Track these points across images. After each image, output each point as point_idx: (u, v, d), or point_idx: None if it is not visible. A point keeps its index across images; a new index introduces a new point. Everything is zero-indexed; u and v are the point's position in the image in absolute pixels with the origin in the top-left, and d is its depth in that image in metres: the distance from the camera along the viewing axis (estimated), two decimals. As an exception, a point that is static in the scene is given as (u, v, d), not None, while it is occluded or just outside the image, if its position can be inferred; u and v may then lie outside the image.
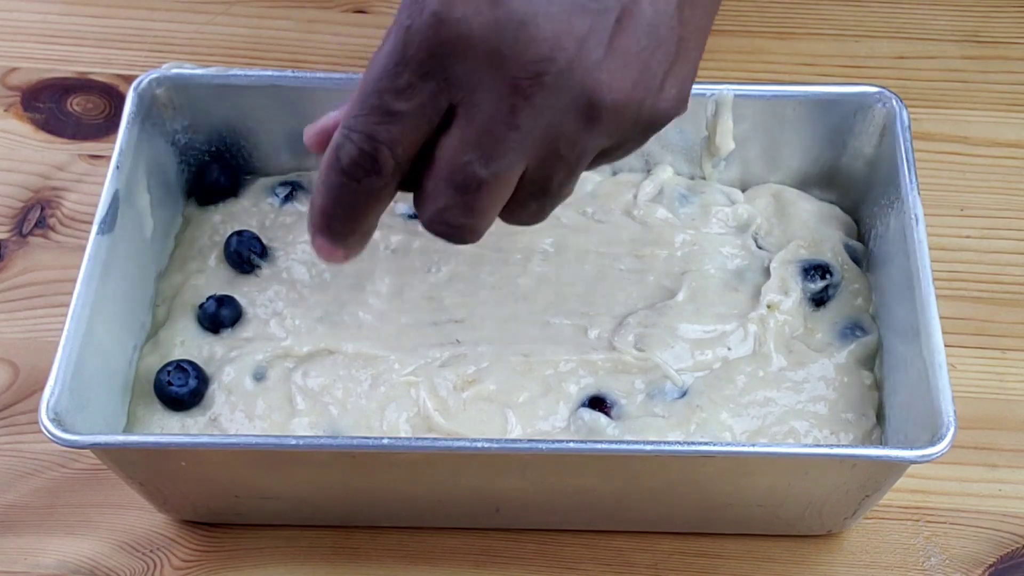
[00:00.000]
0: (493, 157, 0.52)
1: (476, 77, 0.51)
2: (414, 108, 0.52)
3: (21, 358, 0.69)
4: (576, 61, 0.51)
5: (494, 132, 0.52)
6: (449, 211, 0.54)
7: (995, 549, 0.64)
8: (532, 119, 0.52)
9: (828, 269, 0.67)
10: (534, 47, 0.51)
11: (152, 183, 0.66)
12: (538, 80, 0.51)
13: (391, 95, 0.52)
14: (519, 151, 0.53)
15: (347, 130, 0.54)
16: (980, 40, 0.82)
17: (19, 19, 0.83)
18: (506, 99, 0.51)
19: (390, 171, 0.54)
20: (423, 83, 0.52)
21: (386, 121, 0.53)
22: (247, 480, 0.61)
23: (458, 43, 0.51)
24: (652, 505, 0.63)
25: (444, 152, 0.53)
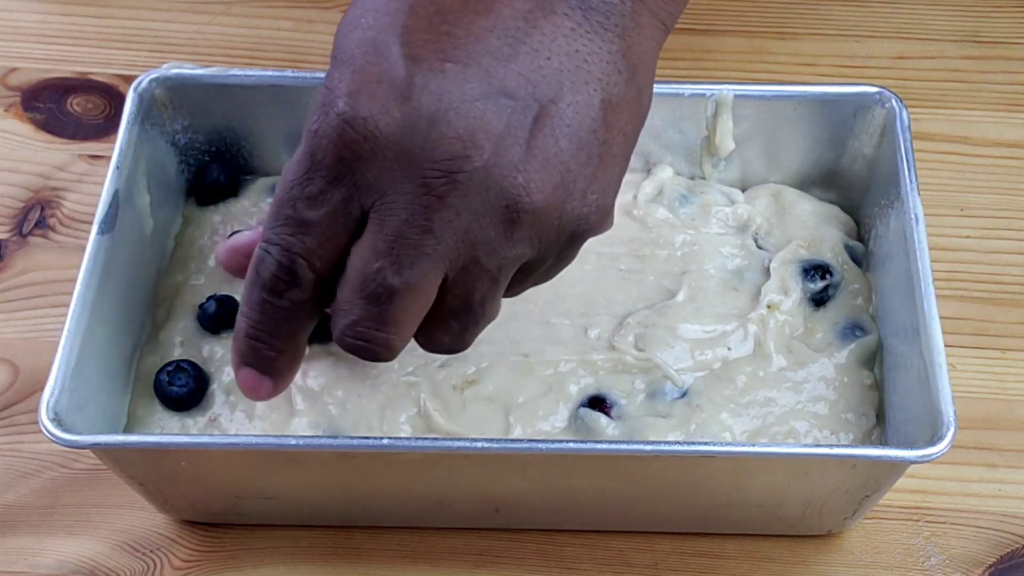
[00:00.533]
0: (406, 264, 0.50)
1: (386, 179, 0.50)
2: (326, 216, 0.50)
3: (21, 358, 0.69)
4: (492, 159, 0.49)
5: (406, 236, 0.50)
6: (360, 323, 0.51)
7: (995, 549, 0.64)
8: (447, 222, 0.50)
9: (828, 269, 0.67)
10: (446, 144, 0.49)
11: (152, 183, 0.66)
12: (451, 179, 0.49)
13: (303, 203, 0.51)
14: (434, 257, 0.50)
15: (265, 243, 0.52)
16: (980, 40, 0.82)
17: (19, 19, 0.83)
18: (418, 200, 0.49)
19: (310, 284, 0.52)
20: (333, 189, 0.50)
21: (300, 232, 0.51)
22: (247, 480, 0.61)
23: (365, 145, 0.49)
24: (652, 505, 0.63)
25: (355, 260, 0.51)
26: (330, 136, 0.50)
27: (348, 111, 0.49)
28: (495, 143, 0.49)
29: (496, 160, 0.49)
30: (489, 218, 0.50)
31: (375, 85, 0.49)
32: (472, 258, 0.51)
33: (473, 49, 0.50)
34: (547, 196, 0.50)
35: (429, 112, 0.49)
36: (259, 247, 0.52)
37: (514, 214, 0.50)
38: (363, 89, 0.49)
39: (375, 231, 0.50)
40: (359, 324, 0.52)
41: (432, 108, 0.49)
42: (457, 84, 0.49)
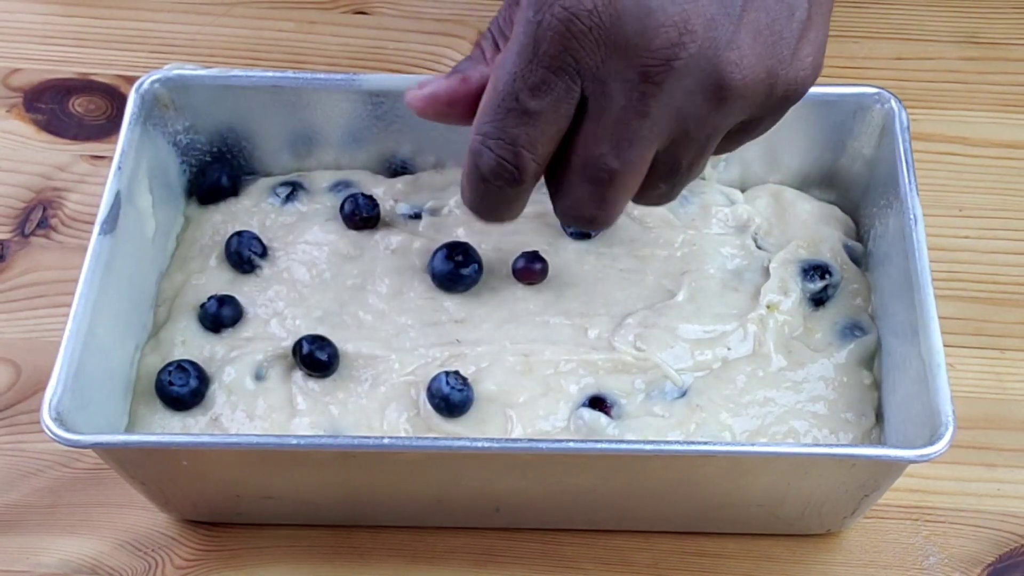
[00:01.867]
0: (625, 148, 0.53)
1: (607, 68, 0.51)
2: (550, 105, 0.52)
3: (23, 358, 0.69)
4: (706, 43, 0.51)
5: (626, 122, 0.52)
6: (583, 203, 0.55)
7: (994, 548, 0.64)
8: (662, 106, 0.52)
9: (827, 269, 0.67)
10: (663, 32, 0.51)
11: (154, 183, 0.67)
12: (668, 66, 0.51)
13: (526, 94, 0.52)
14: (650, 139, 0.53)
15: (483, 137, 0.54)
16: (978, 41, 0.82)
17: (21, 20, 0.83)
18: (636, 88, 0.51)
19: (532, 174, 0.54)
20: (557, 78, 0.52)
21: (524, 122, 0.53)
22: (248, 480, 0.61)
23: (590, 35, 0.51)
24: (652, 505, 0.63)
25: (577, 145, 0.53)
26: (555, 27, 0.51)
27: (574, 3, 0.51)
28: (708, 26, 0.51)
29: (710, 42, 0.51)
30: (701, 96, 0.52)
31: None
32: (683, 131, 0.53)
33: None
34: (757, 69, 0.52)
35: (647, 2, 0.51)
36: (475, 140, 0.54)
37: (725, 90, 0.52)
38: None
39: (595, 117, 0.52)
40: (581, 203, 0.55)
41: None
42: None
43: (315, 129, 0.69)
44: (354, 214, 0.68)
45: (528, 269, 0.66)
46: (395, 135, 0.69)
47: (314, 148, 0.70)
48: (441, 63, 0.81)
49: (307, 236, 0.68)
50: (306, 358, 0.63)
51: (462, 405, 0.62)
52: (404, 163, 0.71)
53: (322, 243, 0.68)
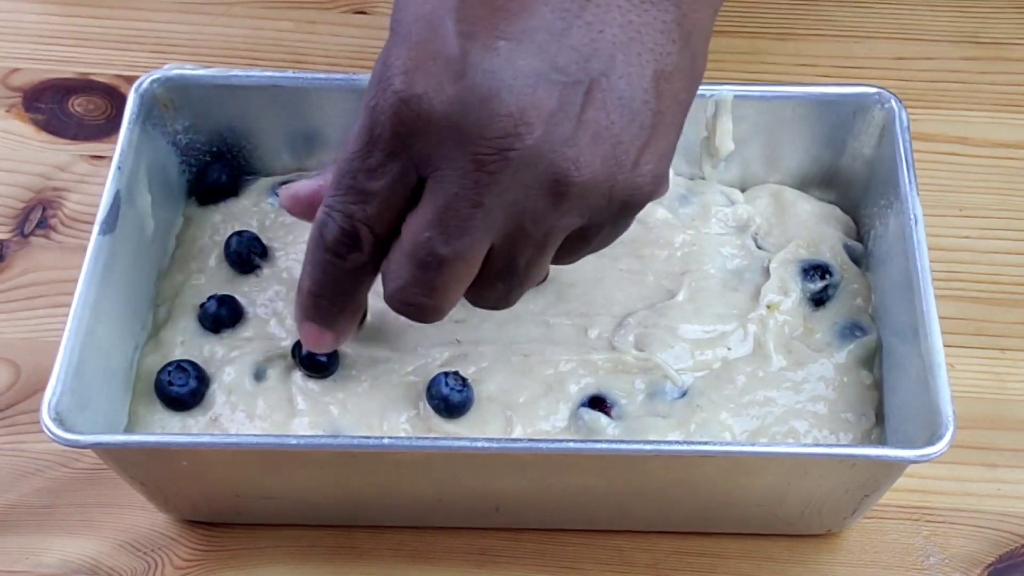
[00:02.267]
0: (455, 235, 0.52)
1: (440, 154, 0.51)
2: (385, 187, 0.52)
3: (22, 358, 0.69)
4: (543, 136, 0.50)
5: (457, 209, 0.51)
6: (409, 288, 0.54)
7: (994, 548, 0.64)
8: (496, 196, 0.51)
9: (828, 269, 0.67)
10: (499, 122, 0.50)
11: (153, 183, 0.66)
12: (503, 156, 0.50)
13: (363, 175, 0.52)
14: (483, 229, 0.52)
15: (328, 208, 0.54)
16: (979, 41, 0.82)
17: (20, 20, 0.83)
18: (470, 175, 0.51)
19: (370, 247, 0.54)
20: (391, 162, 0.52)
21: (361, 200, 0.53)
22: (248, 480, 0.61)
23: (420, 121, 0.51)
24: (652, 505, 0.63)
25: (408, 228, 0.53)
26: (387, 113, 0.51)
27: (404, 89, 0.50)
28: (546, 120, 0.50)
29: (547, 137, 0.50)
30: (538, 191, 0.51)
31: (430, 63, 0.50)
32: (519, 227, 0.52)
33: (527, 25, 0.51)
34: (596, 169, 0.51)
35: (482, 90, 0.50)
36: (322, 211, 0.54)
37: (563, 187, 0.51)
38: (419, 67, 0.50)
39: (428, 202, 0.52)
40: (408, 289, 0.54)
41: (485, 87, 0.50)
42: (510, 62, 0.50)
43: (315, 129, 0.69)
44: (354, 214, 0.68)
45: None
46: (395, 135, 0.69)
47: (314, 148, 0.70)
48: (441, 63, 0.81)
49: (307, 236, 0.68)
50: (305, 359, 0.63)
51: (462, 406, 0.62)
52: (404, 163, 0.71)
53: (322, 243, 0.68)
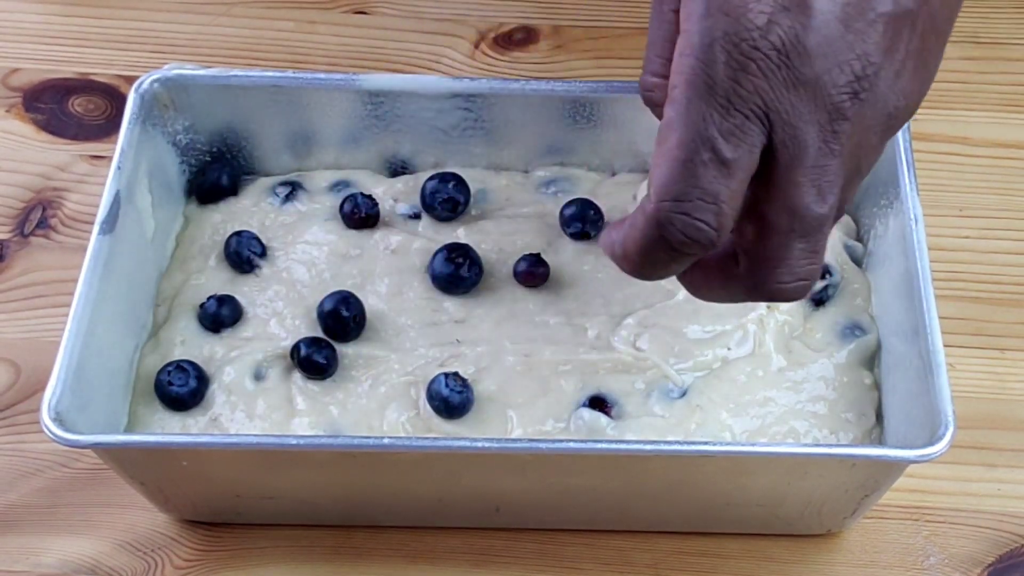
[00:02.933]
0: (827, 192, 0.49)
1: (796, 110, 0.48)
2: (744, 153, 0.48)
3: (23, 358, 0.69)
4: (885, 74, 0.49)
5: (822, 164, 0.49)
6: (799, 263, 0.50)
7: (994, 548, 0.64)
8: (848, 141, 0.49)
9: (828, 269, 0.67)
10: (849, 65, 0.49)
11: (153, 183, 0.67)
12: (856, 99, 0.49)
13: (722, 142, 0.48)
14: (841, 178, 0.50)
15: (674, 202, 0.48)
16: (980, 41, 0.82)
17: (21, 20, 0.83)
18: (828, 125, 0.49)
19: (727, 230, 0.49)
20: (750, 123, 0.48)
21: (723, 174, 0.48)
22: (248, 480, 0.61)
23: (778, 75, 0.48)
24: (652, 505, 0.63)
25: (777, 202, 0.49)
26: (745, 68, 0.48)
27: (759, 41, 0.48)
28: (885, 55, 0.49)
29: (887, 72, 0.49)
30: (875, 129, 0.50)
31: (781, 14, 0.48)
32: (855, 167, 0.51)
33: None
34: (917, 98, 0.51)
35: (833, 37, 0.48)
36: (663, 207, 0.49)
37: (894, 120, 0.51)
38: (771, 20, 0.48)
39: (789, 166, 0.49)
40: (798, 265, 0.50)
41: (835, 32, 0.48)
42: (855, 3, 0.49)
43: (315, 129, 0.69)
44: (354, 212, 0.68)
45: (530, 273, 0.66)
46: (395, 135, 0.69)
47: (314, 148, 0.70)
48: (441, 63, 0.81)
49: (307, 236, 0.68)
50: (304, 361, 0.63)
51: (462, 407, 0.62)
52: (404, 163, 0.71)
53: (322, 243, 0.68)
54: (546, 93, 0.68)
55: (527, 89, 0.68)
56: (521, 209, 0.69)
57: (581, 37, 0.82)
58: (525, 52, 0.82)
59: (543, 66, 0.81)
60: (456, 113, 0.68)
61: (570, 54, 0.82)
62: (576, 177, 0.70)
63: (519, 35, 0.83)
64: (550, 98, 0.68)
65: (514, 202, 0.70)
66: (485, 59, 0.81)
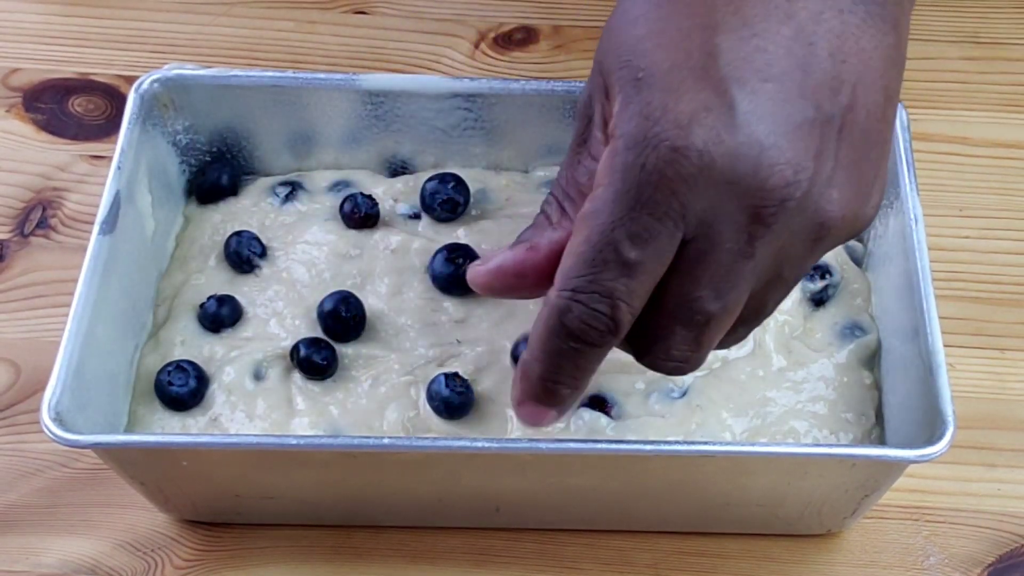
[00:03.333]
0: (725, 291, 0.50)
1: (714, 210, 0.48)
2: (652, 254, 0.49)
3: (23, 358, 0.69)
4: (813, 180, 0.49)
5: (729, 265, 0.49)
6: (676, 348, 0.51)
7: (994, 548, 0.64)
8: (767, 246, 0.49)
9: (828, 269, 0.67)
10: (779, 172, 0.48)
11: (153, 183, 0.67)
12: (782, 207, 0.48)
13: (627, 244, 0.48)
14: (750, 281, 0.50)
15: (572, 292, 0.50)
16: (979, 41, 0.82)
17: (21, 20, 0.83)
18: (745, 228, 0.48)
19: (626, 326, 0.50)
20: (661, 225, 0.48)
21: (623, 274, 0.49)
22: (248, 480, 0.61)
23: (699, 176, 0.47)
24: (652, 505, 0.63)
25: (672, 289, 0.50)
26: (661, 170, 0.48)
27: (680, 143, 0.47)
28: (816, 163, 0.49)
29: (816, 180, 0.49)
30: (802, 237, 0.50)
31: (703, 114, 0.48)
32: (778, 273, 0.51)
33: (786, 64, 0.49)
34: (850, 207, 0.50)
35: (759, 138, 0.48)
36: (561, 296, 0.50)
37: (825, 230, 0.50)
38: (693, 119, 0.47)
39: (696, 260, 0.49)
40: (675, 348, 0.52)
41: (761, 134, 0.48)
42: (780, 105, 0.48)
43: (315, 129, 0.69)
44: (354, 212, 0.68)
45: None
46: (395, 135, 0.69)
47: (314, 148, 0.70)
48: (441, 63, 0.81)
49: (307, 236, 0.68)
50: (303, 362, 0.63)
51: (462, 407, 0.62)
52: (404, 163, 0.71)
53: (321, 243, 0.68)
54: (546, 93, 0.68)
55: (527, 89, 0.68)
56: (521, 209, 0.69)
57: (581, 37, 0.82)
58: (525, 52, 0.82)
59: (543, 66, 0.81)
60: (456, 113, 0.68)
61: (570, 54, 0.82)
62: (576, 177, 0.70)
63: (519, 35, 0.83)
64: (550, 98, 0.68)
65: (514, 202, 0.70)
66: (485, 59, 0.81)
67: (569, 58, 0.82)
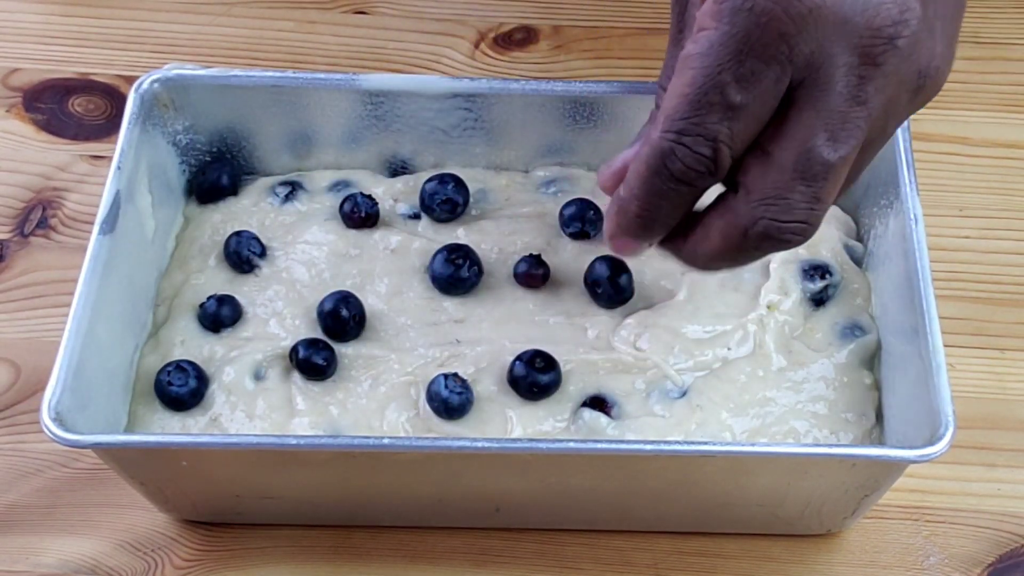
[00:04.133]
0: (841, 138, 0.48)
1: (824, 51, 0.47)
2: (757, 98, 0.48)
3: (23, 358, 0.69)
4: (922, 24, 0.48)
5: (843, 110, 0.48)
6: (795, 207, 0.49)
7: (994, 548, 0.64)
8: (878, 92, 0.48)
9: (828, 269, 0.67)
10: (886, 9, 0.47)
11: (153, 183, 0.67)
12: (890, 45, 0.48)
13: (733, 87, 0.48)
14: (863, 131, 0.49)
15: (676, 134, 0.49)
16: (980, 41, 0.82)
17: (21, 20, 0.83)
18: (856, 70, 0.48)
19: (726, 170, 0.50)
20: (767, 68, 0.47)
21: (728, 117, 0.48)
22: (248, 480, 0.61)
23: (807, 16, 0.47)
24: (652, 505, 0.63)
25: (784, 139, 0.49)
26: (770, 11, 0.47)
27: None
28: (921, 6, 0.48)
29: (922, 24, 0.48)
30: (908, 86, 0.49)
31: None
32: (881, 127, 0.50)
33: None
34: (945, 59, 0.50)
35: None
36: (664, 138, 0.49)
37: (924, 81, 0.49)
38: None
39: (807, 106, 0.48)
40: (795, 208, 0.49)
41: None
42: None
43: (315, 129, 0.69)
44: (353, 212, 0.68)
45: (530, 274, 0.66)
46: (395, 135, 0.69)
47: (314, 148, 0.70)
48: (441, 63, 0.81)
49: (306, 236, 0.68)
50: (303, 363, 0.63)
51: (461, 408, 0.62)
52: (404, 163, 0.71)
53: (321, 243, 0.68)
54: (546, 93, 0.68)
55: (527, 89, 0.68)
56: (521, 209, 0.69)
57: (581, 37, 0.82)
58: (525, 52, 0.82)
59: (543, 66, 0.81)
60: (456, 113, 0.68)
61: (570, 54, 0.82)
62: (576, 177, 0.70)
63: (519, 35, 0.83)
64: (550, 98, 0.68)
65: (514, 202, 0.70)
66: (485, 59, 0.81)
67: (569, 58, 0.82)
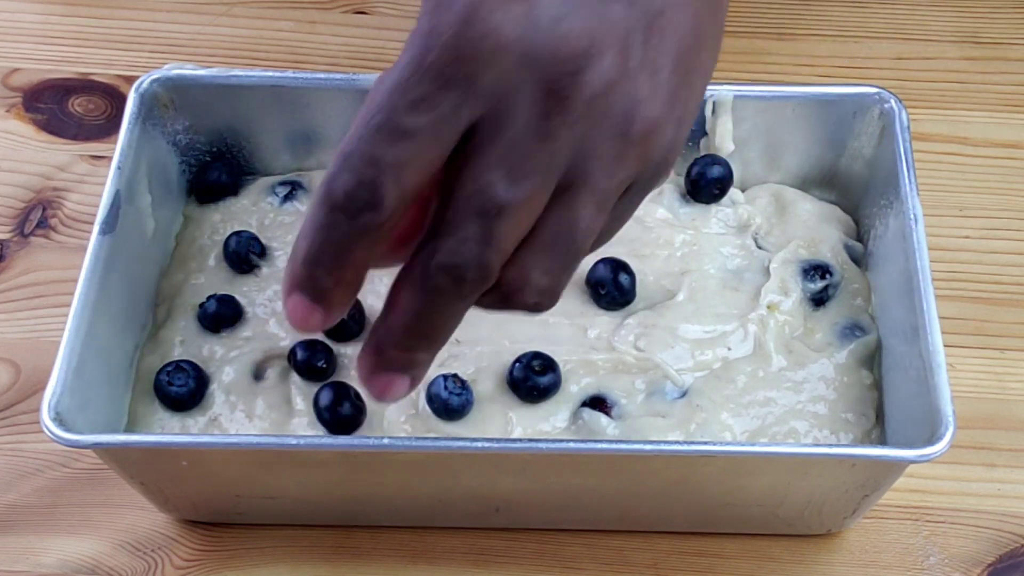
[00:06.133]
0: (519, 175, 0.45)
1: (505, 81, 0.45)
2: (429, 124, 0.45)
3: (22, 358, 0.69)
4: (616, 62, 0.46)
5: (522, 145, 0.45)
6: (464, 244, 0.45)
7: (994, 548, 0.64)
8: (566, 128, 0.45)
9: (828, 269, 0.67)
10: (573, 42, 0.45)
11: (153, 183, 0.67)
12: (577, 80, 0.45)
13: (403, 110, 0.45)
14: (549, 169, 0.46)
15: (344, 157, 0.45)
16: (979, 41, 0.82)
17: (21, 20, 0.83)
18: (539, 103, 0.45)
19: (392, 204, 0.45)
20: (443, 93, 0.45)
21: (394, 140, 0.45)
22: (248, 480, 0.61)
23: (487, 42, 0.45)
24: (652, 505, 0.63)
25: (463, 173, 0.46)
26: (448, 34, 0.45)
27: (470, 9, 0.45)
28: (619, 46, 0.45)
29: (620, 64, 0.45)
30: (606, 129, 0.46)
31: None
32: (582, 173, 0.46)
33: None
34: (659, 112, 0.47)
35: (552, 9, 0.45)
36: (334, 162, 0.45)
37: (629, 126, 0.46)
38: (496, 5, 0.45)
39: (486, 141, 0.45)
40: (465, 244, 0.46)
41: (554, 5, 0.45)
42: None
43: (315, 129, 0.69)
44: (354, 214, 0.68)
45: None
46: (395, 135, 0.69)
47: (314, 148, 0.70)
48: (441, 63, 0.81)
49: (307, 236, 0.68)
50: (301, 365, 0.63)
51: (461, 409, 0.62)
52: (404, 163, 0.71)
53: (322, 243, 0.68)
54: (546, 93, 0.68)
55: (527, 89, 0.68)
56: (521, 209, 0.69)
57: (581, 37, 0.82)
58: (525, 52, 0.82)
59: (543, 66, 0.81)
60: (456, 113, 0.68)
61: (570, 54, 0.82)
62: (576, 177, 0.70)
63: (519, 35, 0.82)
64: (550, 98, 0.68)
65: (514, 202, 0.70)
66: (485, 59, 0.81)
67: (569, 58, 0.81)
